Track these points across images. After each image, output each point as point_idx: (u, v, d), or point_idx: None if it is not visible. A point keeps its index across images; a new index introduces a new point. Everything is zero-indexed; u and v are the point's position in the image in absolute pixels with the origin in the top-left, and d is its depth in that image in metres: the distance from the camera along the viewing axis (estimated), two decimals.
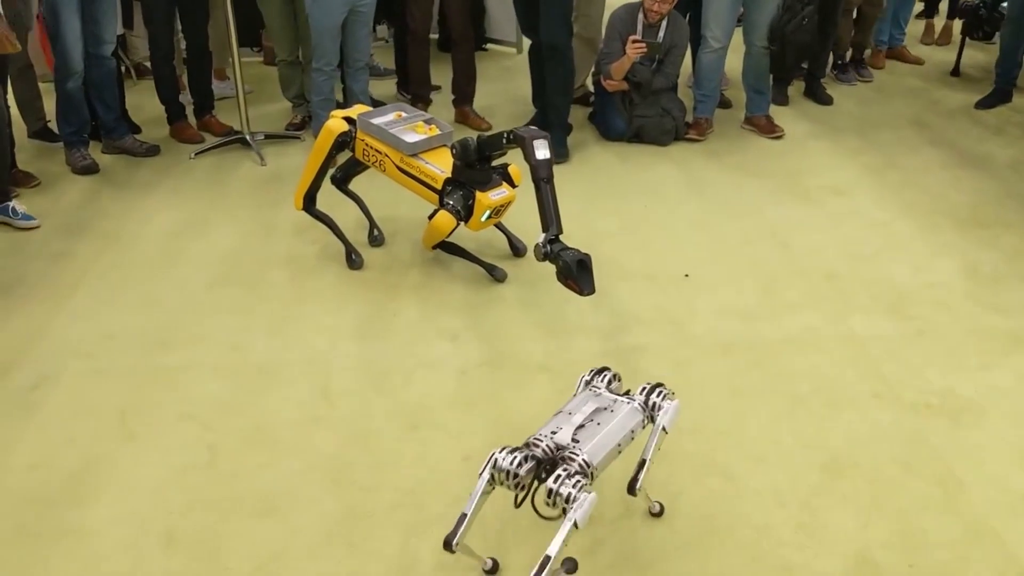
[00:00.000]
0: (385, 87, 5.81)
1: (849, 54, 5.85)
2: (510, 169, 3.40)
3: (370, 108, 3.69)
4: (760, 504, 2.42)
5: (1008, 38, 5.27)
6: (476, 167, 3.25)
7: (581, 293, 2.77)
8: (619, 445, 2.08)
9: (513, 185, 3.39)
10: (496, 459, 2.01)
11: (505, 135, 3.06)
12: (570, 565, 2.03)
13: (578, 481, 1.92)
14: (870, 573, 2.21)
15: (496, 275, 3.48)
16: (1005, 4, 5.56)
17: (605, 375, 2.26)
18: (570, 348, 3.10)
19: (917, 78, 5.96)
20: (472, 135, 3.31)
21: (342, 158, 3.70)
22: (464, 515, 2.00)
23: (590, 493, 1.91)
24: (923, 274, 3.53)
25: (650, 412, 2.17)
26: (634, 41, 4.52)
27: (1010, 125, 5.09)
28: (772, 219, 4.01)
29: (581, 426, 2.08)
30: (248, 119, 4.80)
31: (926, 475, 2.51)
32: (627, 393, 2.22)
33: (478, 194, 3.28)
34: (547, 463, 1.99)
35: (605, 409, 2.15)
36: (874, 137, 4.94)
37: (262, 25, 5.74)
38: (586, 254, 2.78)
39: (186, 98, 5.08)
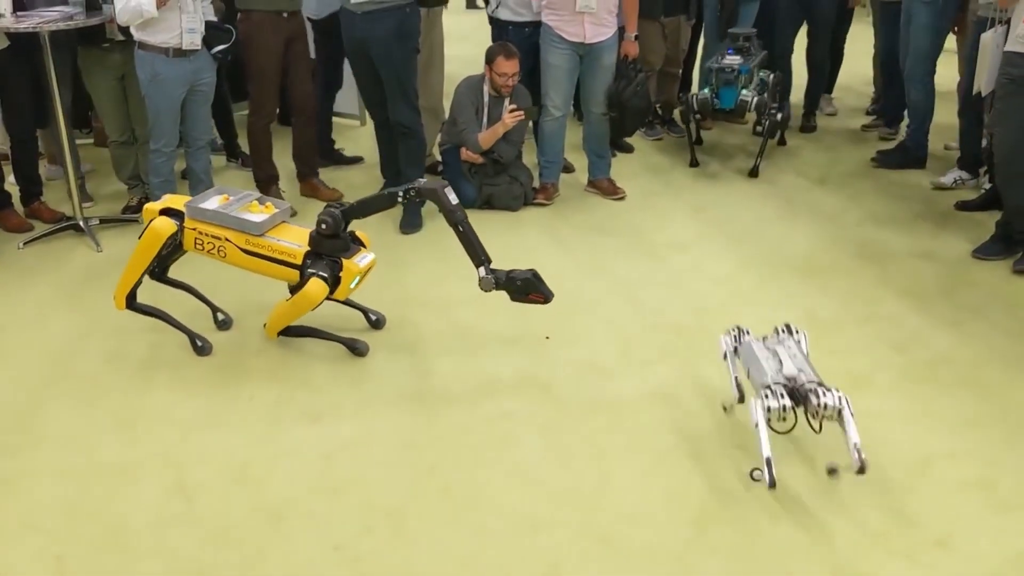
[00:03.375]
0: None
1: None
2: (358, 234, 3.42)
3: (184, 197, 3.53)
4: (636, 564, 2.44)
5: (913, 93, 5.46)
6: (339, 236, 3.25)
7: (546, 301, 3.19)
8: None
9: (364, 247, 3.42)
10: (768, 406, 2.59)
11: (404, 193, 3.27)
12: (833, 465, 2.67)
13: (828, 391, 2.60)
14: None
15: (359, 349, 3.41)
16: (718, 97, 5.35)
17: (744, 331, 2.96)
18: (437, 421, 3.06)
19: (743, 136, 6.28)
20: (320, 206, 3.34)
21: None
22: (768, 458, 2.59)
23: (839, 392, 2.60)
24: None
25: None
26: (513, 110, 4.66)
27: (832, 174, 5.44)
28: (622, 276, 4.11)
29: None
30: (81, 204, 4.58)
31: (791, 521, 2.59)
32: (764, 338, 2.93)
33: (345, 262, 3.26)
34: (798, 394, 2.61)
35: (780, 345, 2.83)
36: (710, 193, 5.17)
37: (91, 106, 5.55)
38: (531, 269, 3.20)
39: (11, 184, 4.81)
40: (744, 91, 5.27)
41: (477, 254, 3.24)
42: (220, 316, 3.66)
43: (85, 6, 4.28)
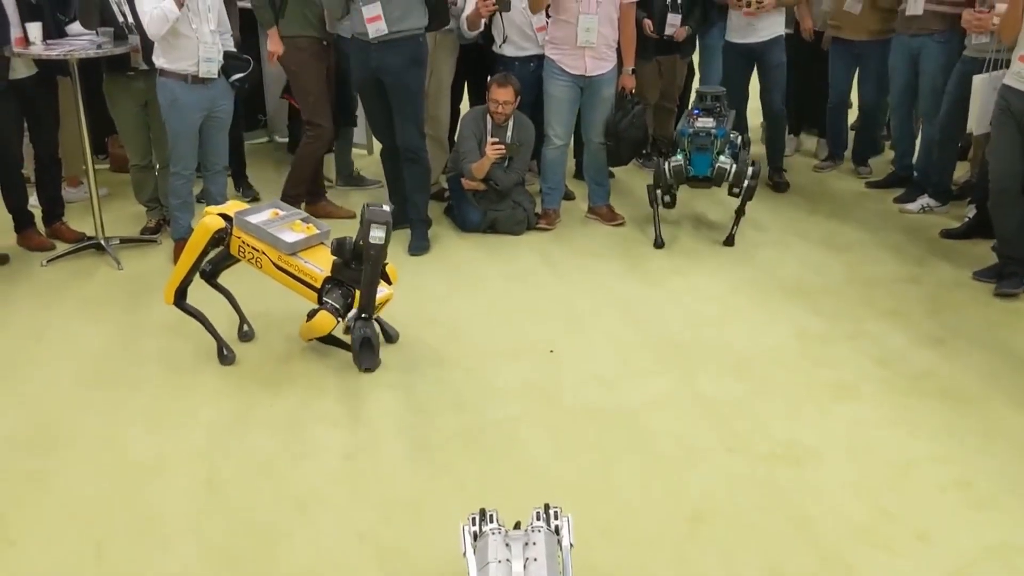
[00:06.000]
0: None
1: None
2: (387, 267, 3.55)
3: (245, 205, 3.77)
4: (637, 553, 2.62)
5: (896, 127, 5.86)
6: (352, 266, 3.41)
7: (359, 368, 3.16)
8: (560, 572, 2.14)
9: (389, 283, 3.54)
10: None
11: (364, 207, 3.32)
12: None
13: None
14: None
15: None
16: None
17: (490, 516, 2.23)
18: (449, 425, 3.24)
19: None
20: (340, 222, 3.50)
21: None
22: None
23: None
24: (759, 338, 3.89)
25: (556, 533, 2.22)
26: (494, 143, 4.87)
27: (824, 201, 5.68)
28: (621, 296, 4.32)
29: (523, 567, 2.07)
30: (103, 224, 4.78)
31: (780, 516, 2.78)
32: (517, 525, 2.28)
33: (358, 293, 3.41)
34: None
35: (527, 544, 2.14)
36: (705, 222, 5.37)
37: (107, 132, 5.76)
38: (374, 334, 3.15)
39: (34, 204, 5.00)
40: (721, 157, 4.85)
41: (364, 298, 3.23)
42: (245, 327, 3.85)
43: (113, 36, 4.50)
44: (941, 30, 5.22)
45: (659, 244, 4.93)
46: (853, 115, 6.55)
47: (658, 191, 4.97)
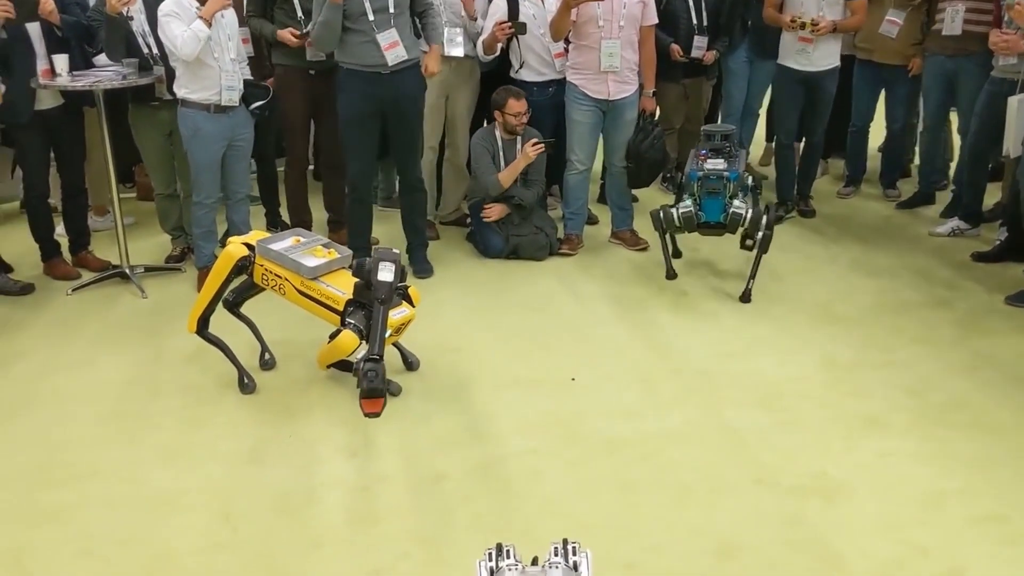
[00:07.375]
0: None
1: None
2: (409, 290, 3.55)
3: (268, 234, 3.77)
4: None
5: (926, 146, 5.82)
6: (371, 287, 3.40)
7: (364, 413, 3.04)
8: None
9: (412, 305, 3.52)
10: None
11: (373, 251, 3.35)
12: None
13: None
14: None
15: (392, 389, 3.57)
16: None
17: (507, 551, 2.06)
18: (469, 456, 3.20)
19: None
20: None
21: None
22: None
23: None
24: (786, 368, 3.82)
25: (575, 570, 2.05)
26: (535, 143, 4.91)
27: (852, 225, 5.60)
28: (643, 324, 4.26)
29: None
30: (128, 253, 4.80)
31: (808, 552, 2.70)
32: (535, 561, 2.10)
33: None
34: None
35: None
36: (729, 247, 5.29)
37: (133, 161, 5.80)
38: (381, 378, 3.03)
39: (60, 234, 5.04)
40: (736, 202, 4.52)
41: (373, 341, 3.21)
42: (267, 356, 3.84)
43: (138, 66, 4.53)
44: (979, 51, 5.05)
45: (671, 276, 4.71)
46: (875, 139, 6.46)
47: (661, 214, 4.61)
